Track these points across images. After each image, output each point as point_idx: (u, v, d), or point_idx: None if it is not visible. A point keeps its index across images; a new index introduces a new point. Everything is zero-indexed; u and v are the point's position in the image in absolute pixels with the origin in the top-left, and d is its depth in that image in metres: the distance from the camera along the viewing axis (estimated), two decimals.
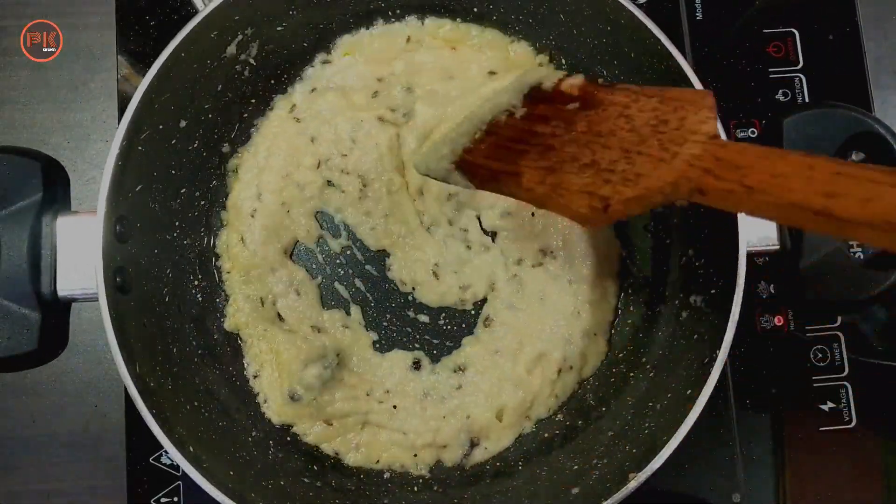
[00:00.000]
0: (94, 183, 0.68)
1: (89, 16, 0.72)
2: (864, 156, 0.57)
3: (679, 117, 0.46)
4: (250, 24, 0.61)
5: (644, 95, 0.49)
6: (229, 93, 0.64)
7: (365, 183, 0.66)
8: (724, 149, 0.44)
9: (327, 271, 0.66)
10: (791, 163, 0.41)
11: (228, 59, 0.62)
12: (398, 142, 0.67)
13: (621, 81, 0.63)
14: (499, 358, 0.64)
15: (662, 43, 0.56)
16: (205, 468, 0.52)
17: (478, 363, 0.64)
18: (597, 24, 0.61)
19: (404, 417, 0.63)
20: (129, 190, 0.56)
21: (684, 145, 0.45)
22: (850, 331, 0.70)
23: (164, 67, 0.55)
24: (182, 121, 0.60)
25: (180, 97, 0.59)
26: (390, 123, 0.67)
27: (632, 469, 0.52)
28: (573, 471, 0.59)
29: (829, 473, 0.67)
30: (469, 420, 0.63)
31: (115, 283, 0.53)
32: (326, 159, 0.66)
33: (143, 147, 0.56)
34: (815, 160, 0.40)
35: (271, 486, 0.57)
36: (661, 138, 0.46)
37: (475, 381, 0.64)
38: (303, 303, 0.65)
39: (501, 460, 0.63)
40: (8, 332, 0.52)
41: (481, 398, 0.64)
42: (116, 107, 0.71)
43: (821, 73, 0.73)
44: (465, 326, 0.65)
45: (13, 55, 0.71)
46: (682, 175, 0.44)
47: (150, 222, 0.59)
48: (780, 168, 0.40)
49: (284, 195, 0.66)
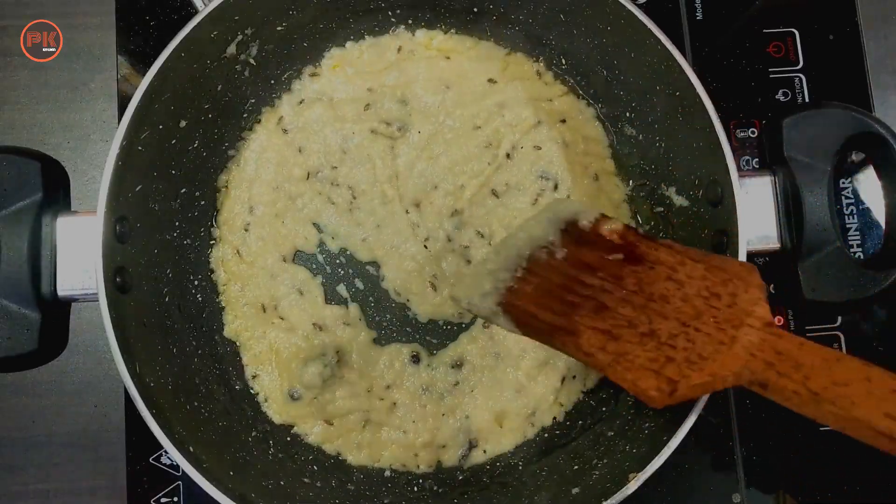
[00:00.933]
0: (94, 183, 0.68)
1: (89, 16, 0.72)
2: (864, 156, 0.57)
3: (730, 293, 0.47)
4: (250, 24, 0.61)
5: (689, 259, 0.50)
6: (229, 93, 0.64)
7: (355, 195, 0.66)
8: (783, 341, 0.45)
9: (328, 271, 0.66)
10: (849, 369, 0.42)
11: (228, 59, 0.62)
12: (392, 153, 0.66)
13: (622, 83, 0.64)
14: (499, 361, 0.64)
15: (662, 43, 0.56)
16: (205, 468, 0.51)
17: (475, 361, 0.64)
18: (597, 23, 0.61)
19: (404, 414, 0.63)
20: (129, 190, 0.56)
21: (741, 328, 0.46)
22: (850, 331, 0.70)
23: (164, 67, 0.55)
24: (182, 121, 0.60)
25: (180, 97, 0.59)
26: (384, 136, 0.66)
27: (632, 469, 0.52)
28: (573, 471, 0.59)
29: (828, 473, 0.67)
30: (468, 420, 0.63)
31: (115, 283, 0.53)
32: (316, 171, 0.66)
33: (143, 147, 0.56)
34: (872, 371, 0.42)
35: (271, 486, 0.57)
36: (717, 316, 0.47)
37: (472, 380, 0.64)
38: (306, 301, 0.65)
39: (501, 461, 0.63)
40: (8, 332, 0.52)
41: (480, 399, 0.64)
42: (116, 107, 0.71)
43: (821, 73, 0.73)
44: (463, 326, 0.65)
45: (13, 55, 0.71)
46: (745, 365, 0.45)
47: (150, 222, 0.59)
48: (839, 374, 0.42)
49: (278, 207, 0.66)
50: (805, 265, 0.54)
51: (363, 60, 0.68)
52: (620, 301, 0.50)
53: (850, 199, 0.71)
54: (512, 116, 0.67)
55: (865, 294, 0.54)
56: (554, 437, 0.63)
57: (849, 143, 0.54)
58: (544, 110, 0.67)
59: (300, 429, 0.63)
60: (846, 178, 0.71)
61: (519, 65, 0.68)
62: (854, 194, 0.71)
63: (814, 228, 0.54)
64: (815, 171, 0.54)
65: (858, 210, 0.71)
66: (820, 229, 0.54)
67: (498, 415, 0.63)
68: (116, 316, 0.52)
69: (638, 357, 0.48)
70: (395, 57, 0.68)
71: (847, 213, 0.71)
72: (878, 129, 0.54)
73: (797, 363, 0.43)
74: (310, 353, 0.62)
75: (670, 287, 0.49)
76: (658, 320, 0.48)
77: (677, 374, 0.46)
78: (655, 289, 0.49)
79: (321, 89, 0.68)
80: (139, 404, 0.51)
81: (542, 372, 0.64)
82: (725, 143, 0.54)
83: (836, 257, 0.53)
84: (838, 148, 0.54)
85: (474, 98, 0.67)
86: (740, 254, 0.53)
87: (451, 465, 0.63)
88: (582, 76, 0.67)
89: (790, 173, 0.54)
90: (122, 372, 0.51)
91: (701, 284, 0.48)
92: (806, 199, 0.54)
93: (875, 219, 0.70)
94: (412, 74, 0.67)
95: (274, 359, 0.63)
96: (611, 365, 0.48)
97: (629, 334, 0.48)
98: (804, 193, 0.54)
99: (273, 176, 0.66)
